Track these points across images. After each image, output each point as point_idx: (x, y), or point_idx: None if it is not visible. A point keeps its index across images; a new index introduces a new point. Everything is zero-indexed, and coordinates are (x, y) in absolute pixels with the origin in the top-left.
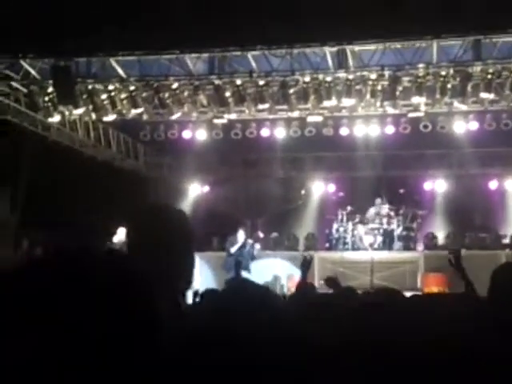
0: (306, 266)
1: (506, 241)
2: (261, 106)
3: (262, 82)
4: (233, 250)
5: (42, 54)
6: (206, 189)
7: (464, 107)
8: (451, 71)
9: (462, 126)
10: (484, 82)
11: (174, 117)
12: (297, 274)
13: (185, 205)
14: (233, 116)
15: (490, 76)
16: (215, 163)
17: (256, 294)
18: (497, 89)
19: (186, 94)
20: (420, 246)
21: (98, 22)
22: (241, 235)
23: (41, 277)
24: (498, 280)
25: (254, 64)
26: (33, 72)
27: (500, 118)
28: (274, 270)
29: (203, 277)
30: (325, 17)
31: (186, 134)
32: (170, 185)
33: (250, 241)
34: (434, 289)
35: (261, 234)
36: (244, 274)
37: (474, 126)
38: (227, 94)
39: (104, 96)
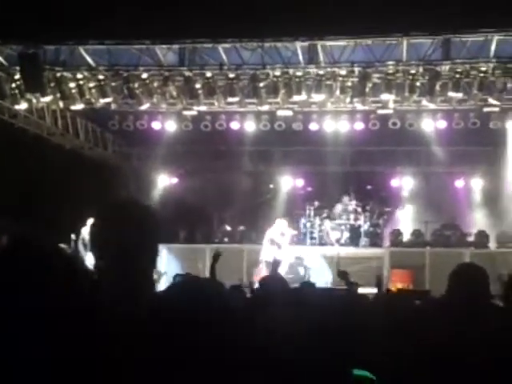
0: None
1: (471, 239)
2: (231, 99)
3: (232, 75)
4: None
5: (9, 40)
6: (175, 180)
7: (432, 105)
8: (420, 69)
9: (431, 124)
10: (452, 81)
11: (144, 107)
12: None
13: (153, 196)
14: (202, 108)
15: (458, 75)
16: (184, 155)
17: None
18: (465, 88)
19: (155, 84)
20: (386, 243)
21: (67, 10)
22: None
23: None
24: (454, 282)
25: (224, 56)
26: (0, 58)
27: (468, 117)
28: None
29: (169, 268)
30: (296, 11)
31: (156, 125)
32: (138, 175)
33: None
34: (399, 285)
35: (228, 227)
36: None
37: (442, 124)
38: (197, 85)
39: (72, 84)
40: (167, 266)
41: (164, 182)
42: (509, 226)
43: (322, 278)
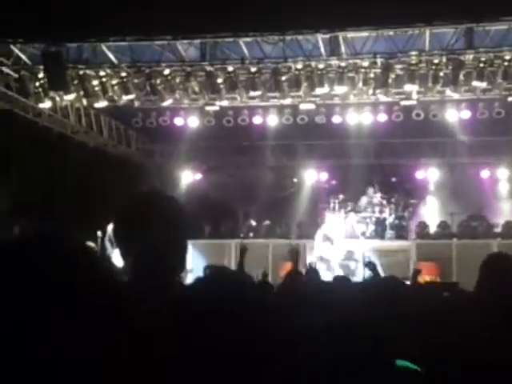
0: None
1: (498, 230)
2: (253, 93)
3: (253, 69)
4: None
5: (32, 39)
6: (199, 176)
7: (456, 95)
8: (443, 59)
9: (455, 115)
10: (476, 71)
11: (166, 103)
12: None
13: (177, 192)
14: (225, 103)
15: (482, 64)
16: (207, 150)
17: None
18: (489, 77)
19: (177, 80)
20: (412, 235)
21: (89, 7)
22: None
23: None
24: (485, 272)
25: (245, 50)
26: (23, 57)
27: (492, 107)
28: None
29: (195, 264)
30: (317, 3)
31: (178, 121)
32: (162, 172)
33: None
34: (426, 277)
35: (253, 222)
36: None
37: (466, 114)
38: (219, 80)
39: (95, 82)
40: (193, 262)
41: (188, 178)
42: None
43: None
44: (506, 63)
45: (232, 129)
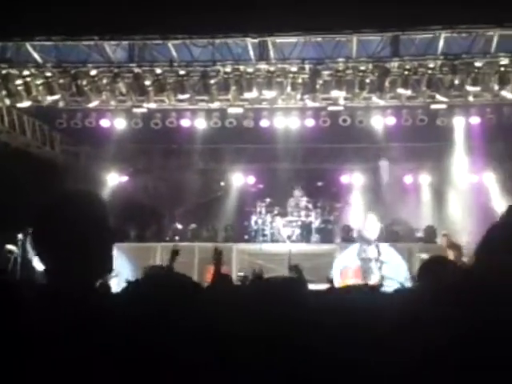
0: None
1: (419, 234)
2: (181, 96)
3: (182, 72)
4: None
5: None
6: (125, 179)
7: (382, 102)
8: (370, 66)
9: (380, 121)
10: (401, 78)
11: (92, 105)
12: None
13: (102, 195)
14: (152, 105)
15: (407, 72)
16: (134, 153)
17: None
18: (413, 85)
19: (104, 81)
20: (337, 239)
21: (13, 5)
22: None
23: None
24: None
25: (174, 53)
26: None
27: (416, 114)
28: None
29: (120, 268)
30: (246, 8)
31: (104, 123)
32: (87, 174)
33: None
34: (351, 281)
35: (179, 225)
36: None
37: (391, 121)
38: (147, 82)
39: (19, 81)
40: (118, 265)
41: (114, 180)
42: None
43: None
44: (429, 71)
45: (160, 131)
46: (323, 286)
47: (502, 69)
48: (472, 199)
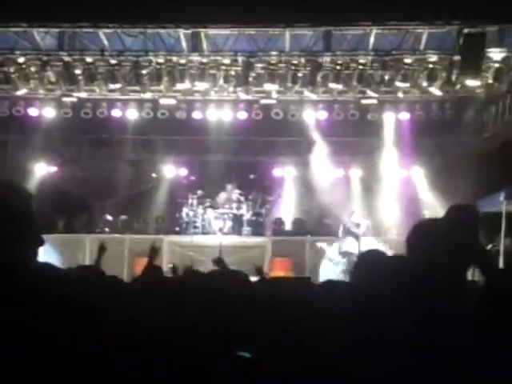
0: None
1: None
2: (112, 86)
3: (113, 61)
4: None
5: None
6: (54, 169)
7: (314, 96)
8: (302, 60)
9: (312, 115)
10: (333, 73)
11: (20, 93)
12: None
13: (30, 185)
14: (83, 94)
15: (338, 67)
16: (63, 142)
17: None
18: (345, 80)
19: (32, 69)
20: (268, 232)
21: None
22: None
23: None
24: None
25: (106, 42)
26: None
27: (347, 109)
28: None
29: (48, 260)
30: None
31: (33, 112)
32: (14, 164)
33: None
34: (281, 273)
35: (109, 217)
36: None
37: (323, 115)
38: (77, 71)
39: None
40: (45, 257)
41: (42, 170)
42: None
43: None
44: (360, 67)
45: (90, 121)
46: (253, 279)
47: (431, 66)
48: (401, 193)
